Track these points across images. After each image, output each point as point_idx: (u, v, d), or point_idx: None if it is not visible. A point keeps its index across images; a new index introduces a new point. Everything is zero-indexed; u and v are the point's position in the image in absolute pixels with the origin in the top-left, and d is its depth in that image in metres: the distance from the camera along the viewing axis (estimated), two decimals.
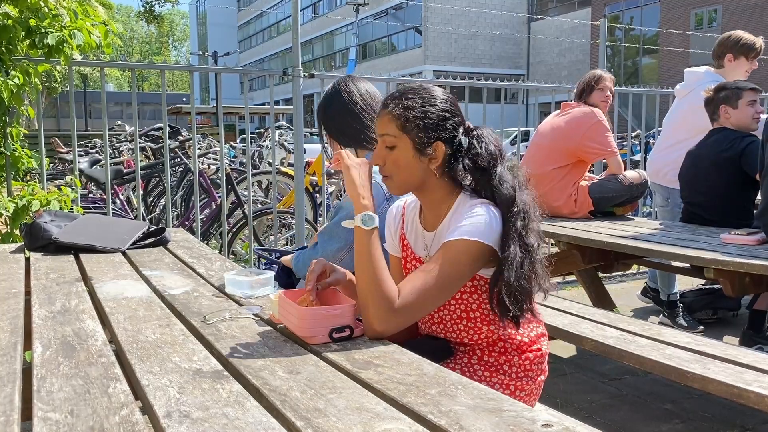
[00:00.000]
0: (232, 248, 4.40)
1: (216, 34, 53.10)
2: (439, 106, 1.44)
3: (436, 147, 1.43)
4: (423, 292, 1.33)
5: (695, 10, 23.76)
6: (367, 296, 1.31)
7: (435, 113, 1.43)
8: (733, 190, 3.10)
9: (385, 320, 1.29)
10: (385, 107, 1.45)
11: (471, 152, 1.44)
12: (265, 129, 8.48)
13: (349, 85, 2.04)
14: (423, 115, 1.42)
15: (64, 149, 8.20)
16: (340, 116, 2.02)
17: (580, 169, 3.45)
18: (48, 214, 2.35)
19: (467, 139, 1.45)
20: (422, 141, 1.42)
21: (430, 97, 1.45)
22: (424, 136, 1.42)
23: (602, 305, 3.41)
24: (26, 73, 3.05)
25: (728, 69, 3.63)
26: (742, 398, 1.75)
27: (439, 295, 1.36)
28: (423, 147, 1.42)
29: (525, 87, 4.95)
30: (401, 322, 1.32)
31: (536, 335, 1.55)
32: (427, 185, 1.47)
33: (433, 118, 1.43)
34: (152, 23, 19.87)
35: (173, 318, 1.44)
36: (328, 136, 2.08)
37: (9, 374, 1.09)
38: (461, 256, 1.35)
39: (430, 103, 1.44)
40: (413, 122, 1.42)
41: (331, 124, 2.05)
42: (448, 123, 1.44)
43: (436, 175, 1.45)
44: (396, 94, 1.46)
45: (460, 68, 29.71)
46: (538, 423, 0.89)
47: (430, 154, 1.43)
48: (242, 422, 0.91)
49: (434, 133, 1.42)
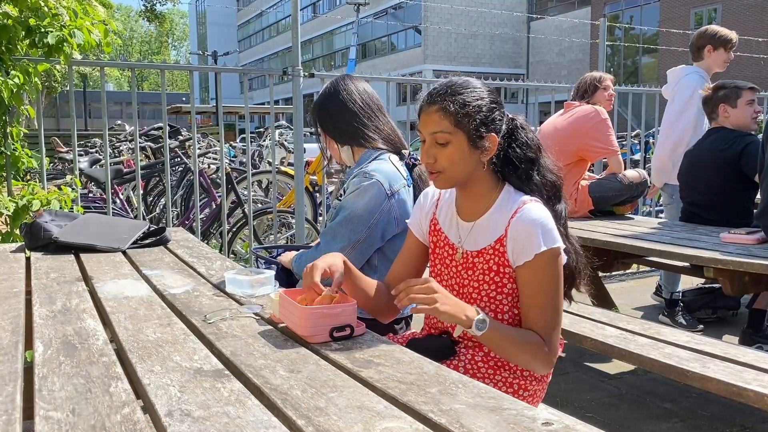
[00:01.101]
0: (232, 248, 4.40)
1: (216, 34, 53.07)
2: (488, 98, 1.44)
3: (490, 139, 1.43)
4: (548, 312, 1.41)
5: (695, 9, 23.75)
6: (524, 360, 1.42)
7: (486, 105, 1.43)
8: (732, 190, 3.10)
9: (545, 356, 1.41)
10: (433, 103, 1.43)
11: (518, 141, 1.46)
12: (265, 128, 8.48)
13: (348, 83, 2.04)
14: (478, 108, 1.42)
15: (64, 149, 8.21)
16: (338, 114, 2.01)
17: (580, 169, 3.46)
18: (48, 214, 2.35)
19: (511, 129, 1.47)
20: (479, 134, 1.42)
21: (478, 89, 1.45)
22: (481, 129, 1.42)
23: (602, 304, 3.41)
24: (26, 73, 3.05)
25: (707, 60, 3.75)
26: (742, 397, 1.75)
27: (559, 305, 1.44)
28: (478, 140, 1.42)
29: (525, 86, 4.95)
30: (554, 347, 1.43)
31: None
32: (473, 178, 1.46)
33: (485, 111, 1.43)
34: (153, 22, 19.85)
35: (174, 317, 1.44)
36: (324, 133, 2.08)
37: (10, 373, 1.09)
38: (553, 268, 1.41)
39: (480, 96, 1.44)
40: (470, 116, 1.41)
41: (329, 121, 2.05)
42: (498, 114, 1.45)
43: (484, 167, 1.45)
44: (442, 90, 1.44)
45: (460, 67, 29.70)
46: (538, 421, 0.89)
47: (484, 146, 1.43)
48: (243, 421, 0.91)
49: (489, 126, 1.43)
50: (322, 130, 2.08)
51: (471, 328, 1.31)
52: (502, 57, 32.57)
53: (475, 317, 1.31)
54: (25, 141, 3.39)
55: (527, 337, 1.39)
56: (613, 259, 3.21)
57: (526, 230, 1.39)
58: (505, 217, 1.42)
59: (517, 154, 1.46)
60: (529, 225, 1.39)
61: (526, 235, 1.39)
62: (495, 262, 1.44)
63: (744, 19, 21.62)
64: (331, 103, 2.03)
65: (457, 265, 1.52)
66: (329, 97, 2.04)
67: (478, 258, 1.47)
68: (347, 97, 2.01)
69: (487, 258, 1.46)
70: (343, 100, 2.01)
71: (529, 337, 1.39)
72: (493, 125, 1.43)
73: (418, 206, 1.64)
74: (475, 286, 1.49)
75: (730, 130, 3.15)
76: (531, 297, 1.42)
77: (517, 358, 1.42)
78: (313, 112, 2.10)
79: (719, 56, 3.74)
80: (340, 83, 2.05)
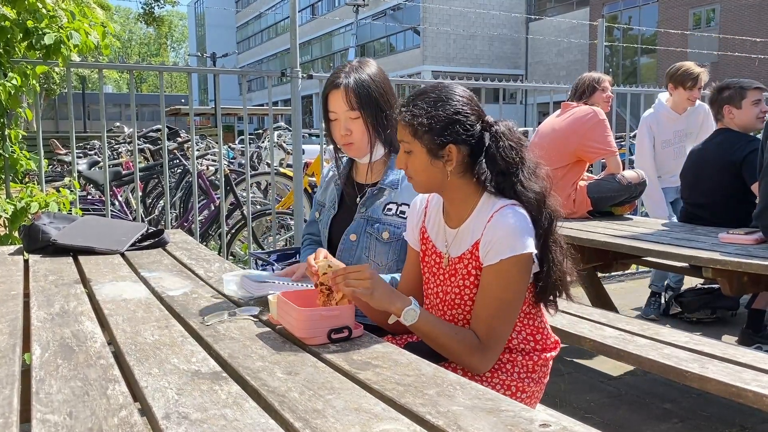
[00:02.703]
0: (231, 249, 4.39)
1: (214, 36, 53.07)
2: (451, 108, 1.42)
3: (449, 150, 1.42)
4: (496, 320, 1.40)
5: (693, 9, 23.77)
6: (455, 357, 1.40)
7: (444, 116, 1.41)
8: (735, 195, 3.05)
9: (479, 360, 1.39)
10: (400, 113, 1.46)
11: (488, 153, 1.43)
12: (263, 130, 8.48)
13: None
14: (430, 120, 1.41)
15: (62, 151, 8.20)
16: (390, 112, 1.78)
17: (578, 169, 3.46)
18: (47, 216, 2.35)
19: (486, 139, 1.43)
20: (435, 145, 1.42)
21: (439, 99, 1.43)
22: (436, 140, 1.41)
23: (601, 305, 3.41)
24: (24, 75, 3.05)
25: (673, 96, 3.84)
26: (741, 397, 1.75)
27: (511, 315, 1.42)
28: (436, 151, 1.42)
29: (523, 87, 4.95)
30: (493, 353, 1.41)
31: (553, 341, 1.55)
32: (450, 185, 1.46)
33: (442, 122, 1.41)
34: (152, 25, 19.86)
35: (172, 319, 1.44)
36: (369, 122, 1.78)
37: (8, 376, 1.09)
38: (514, 275, 1.39)
39: (438, 106, 1.42)
40: (426, 127, 1.41)
41: (380, 114, 1.79)
42: (460, 125, 1.42)
43: (457, 175, 1.44)
44: (409, 99, 1.46)
45: (459, 68, 29.72)
46: (536, 423, 0.89)
47: (443, 157, 1.42)
48: (241, 423, 0.91)
49: (445, 137, 1.41)
50: (372, 118, 1.79)
51: (401, 317, 1.34)
52: (500, 58, 32.59)
53: (405, 307, 1.33)
54: (23, 143, 3.39)
55: (461, 335, 1.39)
56: (611, 259, 3.21)
57: (497, 234, 1.38)
58: (483, 222, 1.42)
59: (491, 164, 1.42)
60: (500, 229, 1.38)
61: (496, 239, 1.38)
62: (473, 266, 1.45)
63: (742, 18, 21.64)
64: (392, 97, 1.83)
65: (443, 272, 1.52)
66: (391, 92, 1.84)
67: (460, 264, 1.48)
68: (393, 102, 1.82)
69: (466, 263, 1.46)
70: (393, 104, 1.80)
71: (464, 335, 1.39)
72: (453, 136, 1.41)
73: (409, 218, 1.65)
74: (456, 291, 1.49)
75: (736, 133, 3.10)
76: (483, 299, 1.41)
77: (449, 354, 1.40)
78: (368, 94, 1.78)
79: (679, 94, 3.79)
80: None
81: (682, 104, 3.82)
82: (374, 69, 1.84)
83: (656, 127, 3.88)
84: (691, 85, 3.73)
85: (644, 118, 3.95)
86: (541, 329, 1.53)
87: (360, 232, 1.81)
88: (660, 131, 3.88)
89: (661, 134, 3.87)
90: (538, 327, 1.53)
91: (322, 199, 2.01)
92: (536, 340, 1.52)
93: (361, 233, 1.81)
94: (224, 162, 4.44)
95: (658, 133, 3.88)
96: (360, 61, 1.86)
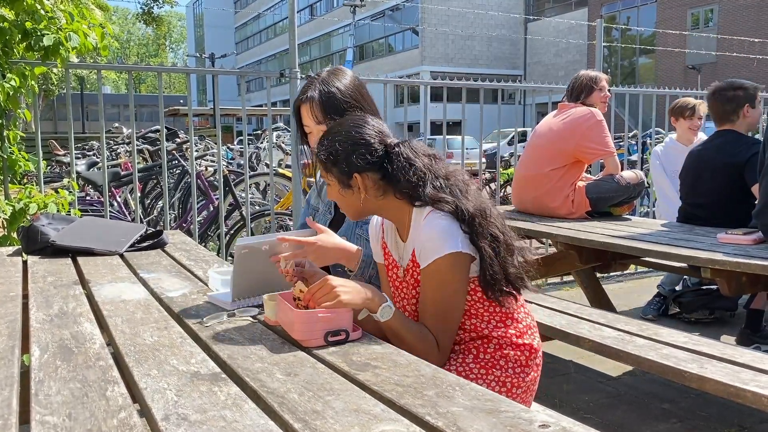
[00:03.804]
0: (229, 250, 4.39)
1: (213, 36, 53.08)
2: (350, 140, 1.48)
3: (355, 179, 1.48)
4: (437, 318, 1.44)
5: (692, 9, 23.80)
6: (416, 355, 1.39)
7: (341, 149, 1.47)
8: (735, 195, 3.05)
9: (435, 357, 1.41)
10: (317, 151, 1.53)
11: (394, 173, 1.47)
12: (262, 130, 8.48)
13: None
14: (331, 155, 1.48)
15: (61, 152, 8.18)
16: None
17: (577, 170, 3.45)
18: (45, 217, 2.35)
19: (390, 161, 1.48)
20: (343, 176, 1.48)
21: (338, 133, 1.50)
22: (340, 172, 1.48)
23: (600, 305, 3.41)
24: (23, 76, 3.05)
25: (677, 129, 4.18)
26: (740, 397, 1.75)
27: (452, 312, 1.46)
28: (346, 181, 1.49)
29: (522, 87, 4.95)
30: (444, 348, 1.46)
31: (525, 326, 1.56)
32: (380, 207, 1.52)
33: (341, 154, 1.47)
34: (151, 25, 19.83)
35: (171, 320, 1.44)
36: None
37: (7, 378, 1.09)
38: (446, 274, 1.43)
39: (336, 140, 1.48)
40: (329, 162, 1.49)
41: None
42: (359, 155, 1.46)
43: (380, 198, 1.50)
44: (322, 136, 1.53)
45: (457, 69, 29.75)
46: (535, 423, 0.89)
47: (353, 186, 1.48)
48: (240, 425, 0.91)
49: (349, 168, 1.47)
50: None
51: (377, 313, 1.36)
52: (499, 58, 32.61)
53: (382, 304, 1.36)
54: (22, 144, 3.39)
55: (424, 333, 1.43)
56: (610, 259, 3.21)
57: (425, 237, 1.44)
58: (418, 231, 1.47)
59: (400, 182, 1.46)
60: (427, 233, 1.43)
61: (425, 242, 1.44)
62: (417, 272, 1.50)
63: (740, 19, 21.67)
64: (368, 104, 1.84)
65: (402, 283, 1.58)
66: (366, 99, 1.85)
67: (408, 273, 1.54)
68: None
69: (412, 272, 1.52)
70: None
71: (425, 333, 1.43)
72: (354, 167, 1.46)
73: (370, 235, 1.70)
74: (408, 299, 1.55)
75: (737, 134, 3.10)
76: (423, 300, 1.47)
77: (413, 351, 1.40)
78: (334, 105, 1.81)
79: (680, 125, 4.12)
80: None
81: (685, 135, 4.10)
82: (344, 78, 1.85)
83: (665, 158, 4.16)
84: (690, 114, 4.04)
85: (654, 151, 4.29)
86: (510, 315, 1.54)
87: (350, 234, 1.85)
88: (668, 161, 4.11)
89: (670, 165, 4.08)
90: (506, 313, 1.54)
91: (316, 204, 2.03)
92: (507, 325, 1.53)
93: (350, 235, 1.85)
94: (223, 163, 4.44)
95: (667, 163, 4.12)
96: (330, 71, 1.88)
